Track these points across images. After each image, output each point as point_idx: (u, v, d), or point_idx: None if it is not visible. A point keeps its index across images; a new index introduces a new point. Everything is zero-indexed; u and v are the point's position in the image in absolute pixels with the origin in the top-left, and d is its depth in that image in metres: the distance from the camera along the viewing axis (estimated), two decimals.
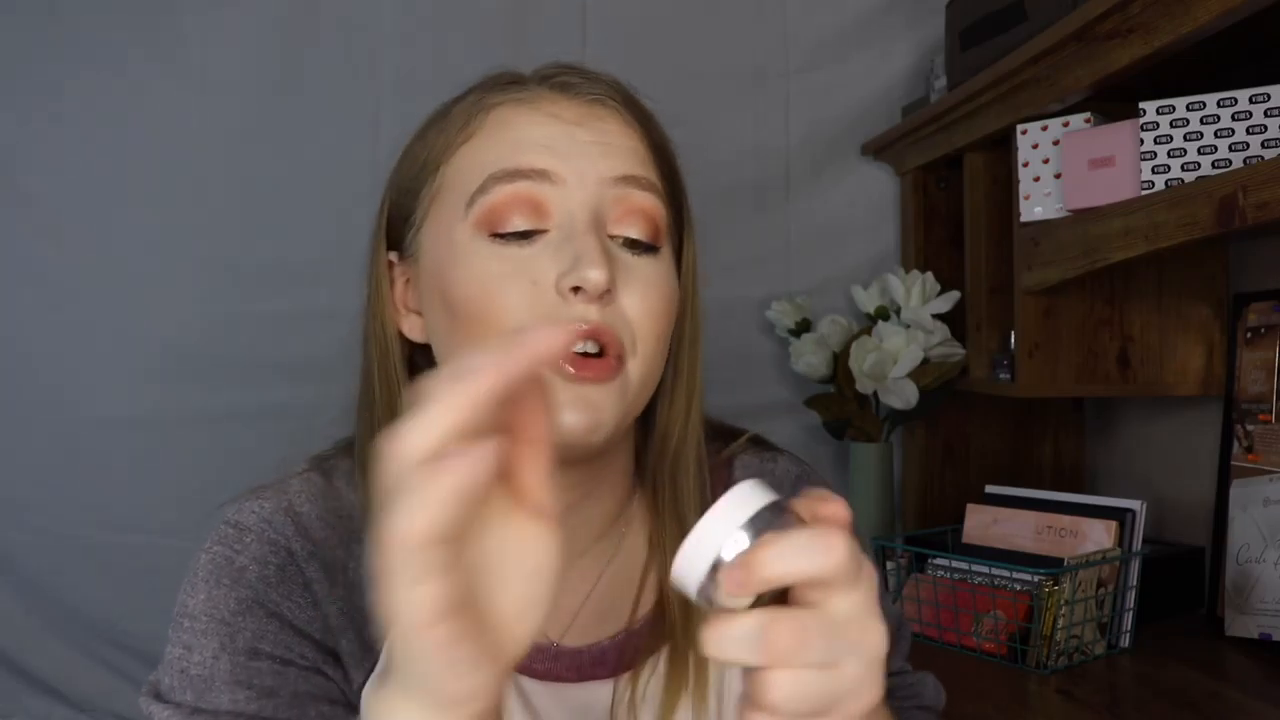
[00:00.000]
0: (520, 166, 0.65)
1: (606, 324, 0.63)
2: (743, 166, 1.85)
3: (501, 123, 0.67)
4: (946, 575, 1.42)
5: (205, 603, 0.64)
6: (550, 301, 0.63)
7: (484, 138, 0.67)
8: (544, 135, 0.66)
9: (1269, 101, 1.13)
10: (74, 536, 1.64)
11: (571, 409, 0.62)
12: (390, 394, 0.70)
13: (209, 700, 0.62)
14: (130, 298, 1.65)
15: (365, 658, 0.66)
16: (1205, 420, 1.47)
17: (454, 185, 0.67)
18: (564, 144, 0.66)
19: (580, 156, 0.66)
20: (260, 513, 0.67)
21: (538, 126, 0.66)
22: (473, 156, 0.67)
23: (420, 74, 1.66)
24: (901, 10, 1.86)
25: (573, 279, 0.62)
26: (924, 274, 1.69)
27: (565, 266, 0.62)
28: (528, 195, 0.64)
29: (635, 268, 0.66)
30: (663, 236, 0.68)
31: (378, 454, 0.59)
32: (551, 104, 0.67)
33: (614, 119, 0.69)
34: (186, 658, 0.63)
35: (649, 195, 0.67)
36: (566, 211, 0.65)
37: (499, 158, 0.65)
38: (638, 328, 0.65)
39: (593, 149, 0.66)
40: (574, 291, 0.62)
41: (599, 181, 0.65)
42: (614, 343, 0.63)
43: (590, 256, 0.62)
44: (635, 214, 0.67)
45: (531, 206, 0.64)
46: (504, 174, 0.65)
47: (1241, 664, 1.26)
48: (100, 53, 1.64)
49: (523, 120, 0.67)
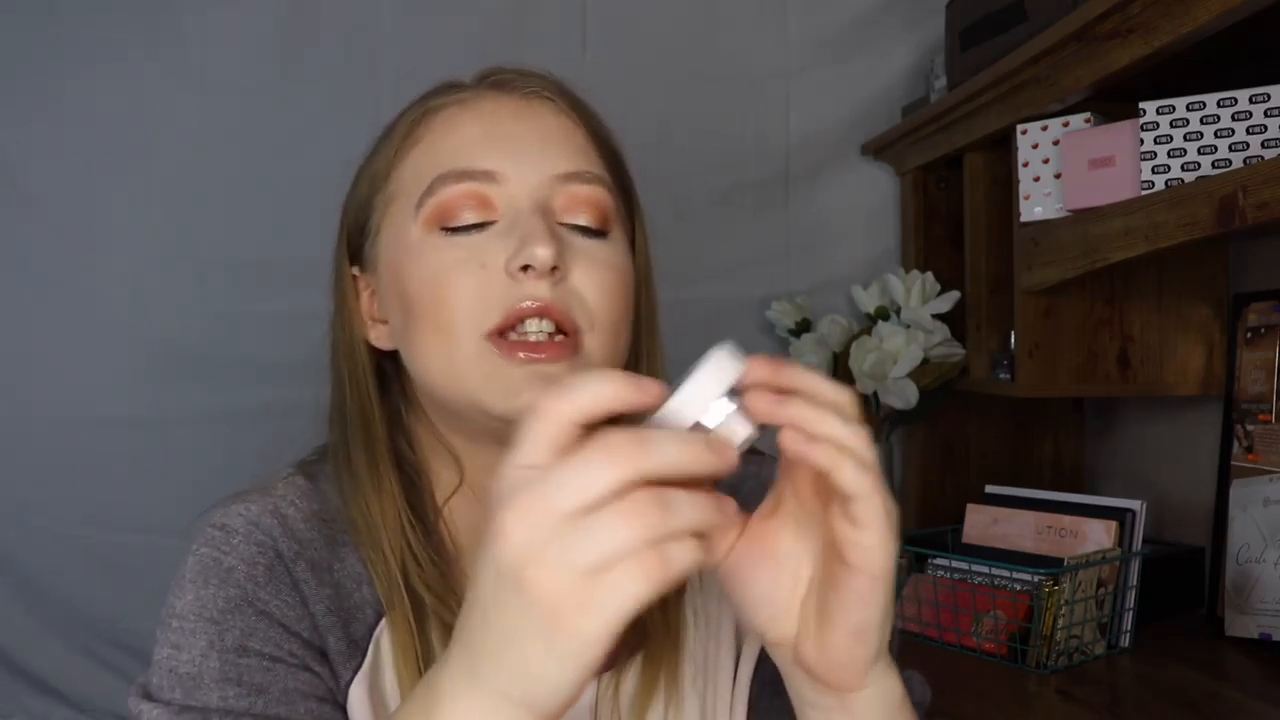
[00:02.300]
0: (466, 167, 0.66)
1: (559, 302, 0.64)
2: (743, 166, 1.85)
3: (444, 126, 0.69)
4: (946, 575, 1.42)
5: (193, 603, 0.64)
6: (500, 283, 0.64)
7: (428, 142, 0.69)
8: (485, 134, 0.68)
9: (1269, 101, 1.13)
10: (74, 536, 1.64)
11: (531, 389, 0.62)
12: (362, 402, 0.71)
13: (198, 698, 0.62)
14: (130, 298, 1.65)
15: (351, 656, 0.66)
16: (1205, 420, 1.47)
17: (403, 190, 0.69)
18: (507, 142, 0.67)
19: (522, 153, 0.67)
20: (247, 515, 0.67)
21: (478, 127, 0.68)
22: (419, 161, 0.69)
23: (420, 74, 1.65)
24: (901, 10, 1.86)
25: (521, 258, 0.63)
26: (924, 274, 1.69)
27: (513, 248, 0.64)
28: (475, 193, 0.66)
29: (585, 249, 0.67)
30: (611, 222, 0.69)
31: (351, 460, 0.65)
32: (491, 102, 0.69)
33: (552, 113, 0.70)
34: (175, 657, 0.63)
35: (593, 188, 0.68)
36: (511, 204, 0.66)
37: (444, 159, 0.67)
38: (593, 304, 0.65)
39: (533, 144, 0.68)
40: (523, 270, 0.63)
41: (544, 178, 0.67)
42: (567, 319, 0.64)
43: (536, 235, 0.63)
44: (581, 204, 0.68)
45: (479, 202, 0.66)
46: (451, 175, 0.66)
47: (1241, 664, 1.26)
48: (100, 53, 1.64)
49: (464, 121, 0.68)
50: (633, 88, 1.69)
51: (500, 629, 0.45)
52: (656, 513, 0.42)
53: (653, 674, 0.69)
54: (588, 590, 0.42)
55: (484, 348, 0.63)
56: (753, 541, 0.54)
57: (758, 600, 0.55)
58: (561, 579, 0.42)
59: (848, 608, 0.51)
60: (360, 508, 0.68)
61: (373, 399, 0.71)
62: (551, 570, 0.43)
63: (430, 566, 0.67)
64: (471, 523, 0.71)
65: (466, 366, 0.64)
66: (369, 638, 0.67)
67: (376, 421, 0.70)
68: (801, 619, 0.54)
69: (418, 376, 0.68)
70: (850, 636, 0.52)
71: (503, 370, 0.63)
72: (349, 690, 0.66)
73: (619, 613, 0.43)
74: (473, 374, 0.64)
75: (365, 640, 0.67)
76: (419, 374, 0.68)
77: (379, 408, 0.71)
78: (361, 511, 0.68)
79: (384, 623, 0.67)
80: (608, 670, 0.70)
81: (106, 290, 1.65)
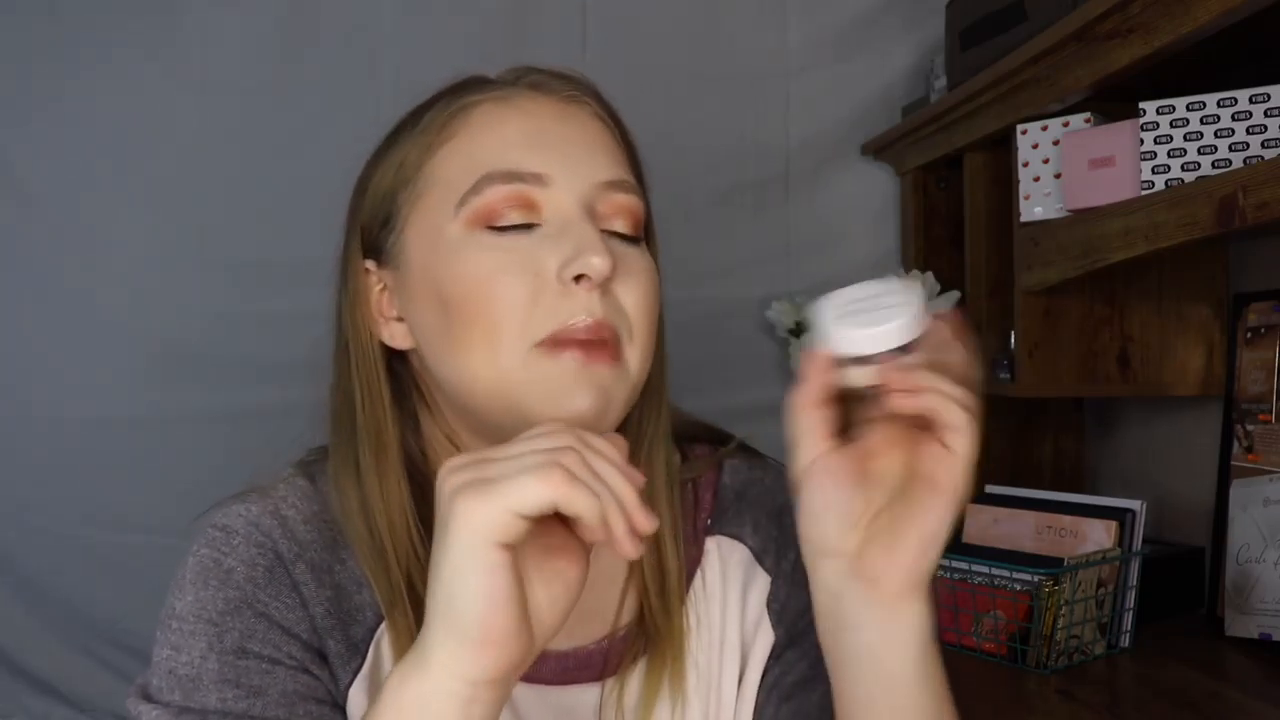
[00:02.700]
0: (515, 169, 0.64)
1: (608, 318, 0.63)
2: (743, 166, 1.85)
3: (484, 122, 0.67)
4: (947, 575, 1.42)
5: (193, 604, 0.63)
6: (553, 292, 0.62)
7: (468, 138, 0.66)
8: (529, 134, 0.66)
9: (1269, 101, 1.13)
10: (74, 536, 1.64)
11: (584, 393, 0.62)
12: (373, 403, 0.68)
13: (197, 699, 0.61)
14: (130, 298, 1.65)
15: (351, 659, 0.66)
16: (1205, 420, 1.47)
17: (440, 185, 0.66)
18: (553, 145, 0.66)
19: (569, 157, 0.66)
20: (247, 516, 0.66)
21: (521, 127, 0.66)
22: (458, 156, 0.66)
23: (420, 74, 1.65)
24: (901, 10, 1.86)
25: (577, 266, 0.62)
26: (924, 274, 1.69)
27: (567, 254, 0.62)
28: (521, 196, 0.64)
29: (628, 257, 0.66)
30: (643, 229, 0.69)
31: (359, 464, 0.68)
32: (531, 102, 0.67)
33: (590, 119, 0.69)
34: (174, 658, 0.63)
35: (631, 196, 0.68)
36: (557, 208, 0.65)
37: (488, 158, 0.65)
38: (633, 317, 0.65)
39: (579, 149, 0.66)
40: (575, 280, 0.62)
41: (587, 182, 0.65)
42: (613, 333, 0.63)
43: (592, 244, 0.62)
44: (621, 212, 0.67)
45: (526, 204, 0.64)
46: (498, 174, 0.64)
47: (1241, 664, 1.26)
48: (100, 53, 1.64)
49: (506, 120, 0.66)
50: (633, 88, 1.67)
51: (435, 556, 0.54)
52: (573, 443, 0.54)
53: (656, 678, 0.69)
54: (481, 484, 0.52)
55: (534, 353, 0.62)
56: (845, 460, 0.59)
57: (836, 511, 0.59)
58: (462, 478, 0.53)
59: (924, 519, 0.57)
60: (365, 511, 0.67)
61: (385, 400, 0.69)
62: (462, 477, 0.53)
63: None
64: None
65: (514, 374, 0.62)
66: (369, 640, 0.66)
67: (388, 424, 0.68)
68: (869, 533, 0.59)
69: (452, 380, 0.66)
70: (919, 543, 0.58)
71: (554, 375, 0.62)
72: (348, 692, 0.65)
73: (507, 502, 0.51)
74: (520, 381, 0.62)
75: (365, 643, 0.66)
76: (455, 378, 0.65)
77: (391, 409, 0.69)
78: (366, 515, 0.67)
79: (384, 625, 0.66)
80: (612, 675, 0.70)
81: (106, 290, 1.65)
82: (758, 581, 0.74)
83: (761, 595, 0.73)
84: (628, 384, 0.65)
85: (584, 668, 0.70)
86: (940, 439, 0.57)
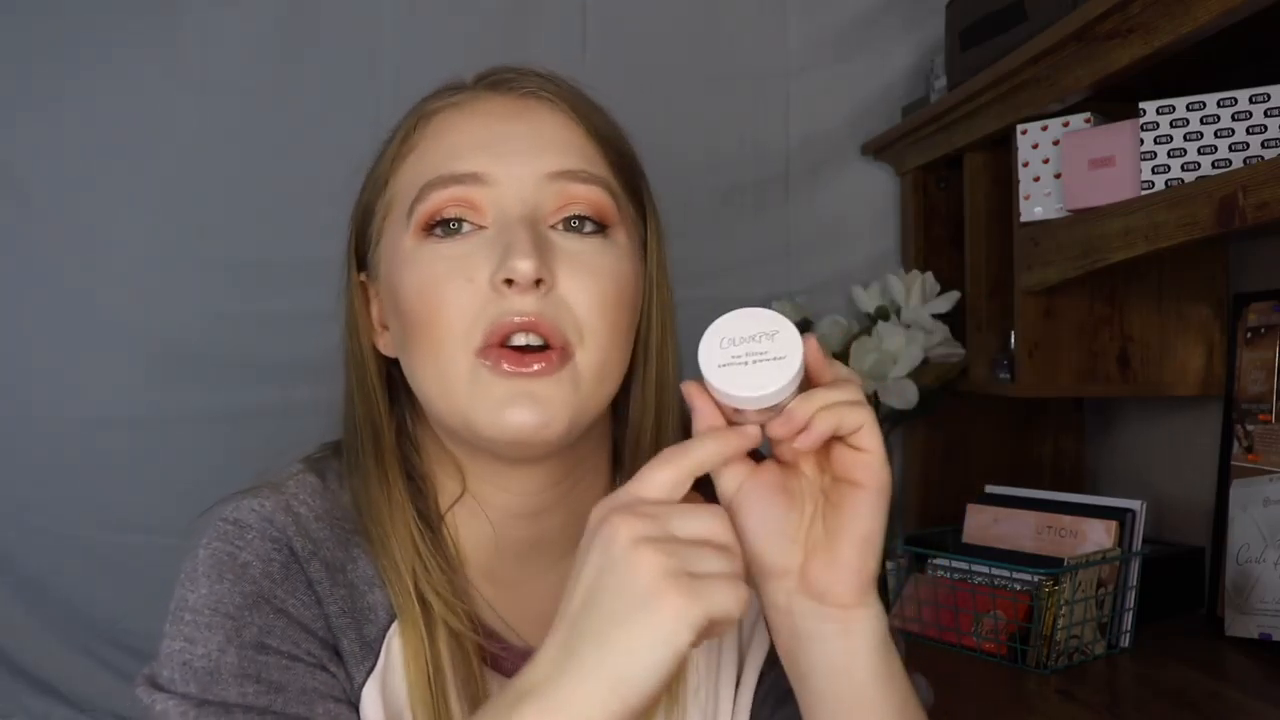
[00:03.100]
0: (453, 171, 0.65)
1: (546, 316, 0.62)
2: (743, 166, 1.85)
3: (437, 131, 0.68)
4: (947, 575, 1.42)
5: (208, 596, 0.63)
6: (485, 297, 0.62)
7: (423, 149, 0.68)
8: (477, 138, 0.66)
9: (1269, 101, 1.13)
10: (74, 536, 1.64)
11: (516, 406, 0.62)
12: (371, 410, 0.70)
13: (215, 692, 0.61)
14: (130, 298, 1.65)
15: (364, 658, 0.66)
16: (1205, 420, 1.47)
17: (399, 199, 0.68)
18: (497, 143, 0.66)
19: (512, 154, 0.65)
20: (260, 511, 0.66)
21: (471, 130, 0.67)
22: (414, 168, 0.68)
23: (420, 74, 1.65)
24: (901, 10, 1.86)
25: (503, 272, 0.62)
26: (924, 274, 1.69)
27: (497, 261, 0.62)
28: (461, 197, 0.65)
29: (579, 254, 0.65)
30: (612, 219, 0.67)
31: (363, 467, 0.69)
32: (485, 103, 0.68)
33: (549, 112, 0.68)
34: (189, 650, 0.62)
35: (589, 187, 0.66)
36: (500, 210, 0.65)
37: (434, 166, 0.66)
38: (583, 316, 0.64)
39: (525, 145, 0.66)
40: (507, 284, 0.62)
41: (534, 178, 0.65)
42: (554, 333, 0.63)
43: (518, 247, 0.61)
44: (574, 203, 0.66)
45: (466, 206, 0.65)
46: (438, 180, 0.65)
47: (1241, 664, 1.26)
48: (100, 53, 1.64)
49: (457, 125, 0.67)
50: (633, 88, 1.68)
51: (604, 609, 0.51)
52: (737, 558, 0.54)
53: None
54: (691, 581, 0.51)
55: (476, 365, 0.63)
56: (766, 480, 0.60)
57: (771, 531, 0.60)
58: (670, 563, 0.51)
59: (857, 521, 0.58)
60: (372, 513, 0.68)
61: (381, 407, 0.70)
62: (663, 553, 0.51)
63: (439, 573, 0.67)
64: (473, 532, 0.71)
65: (458, 385, 0.63)
66: (381, 640, 0.66)
67: (385, 429, 0.70)
68: (809, 544, 0.60)
69: (415, 389, 0.68)
70: (858, 546, 0.58)
71: (491, 387, 0.62)
72: (362, 692, 0.65)
73: (711, 610, 0.50)
74: (463, 392, 0.63)
75: (378, 642, 0.66)
76: (418, 389, 0.67)
77: (388, 415, 0.70)
78: (373, 517, 0.67)
79: (395, 625, 0.66)
80: None
81: (106, 290, 1.65)
82: None
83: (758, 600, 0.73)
84: (577, 392, 0.64)
85: None
86: (848, 444, 0.58)
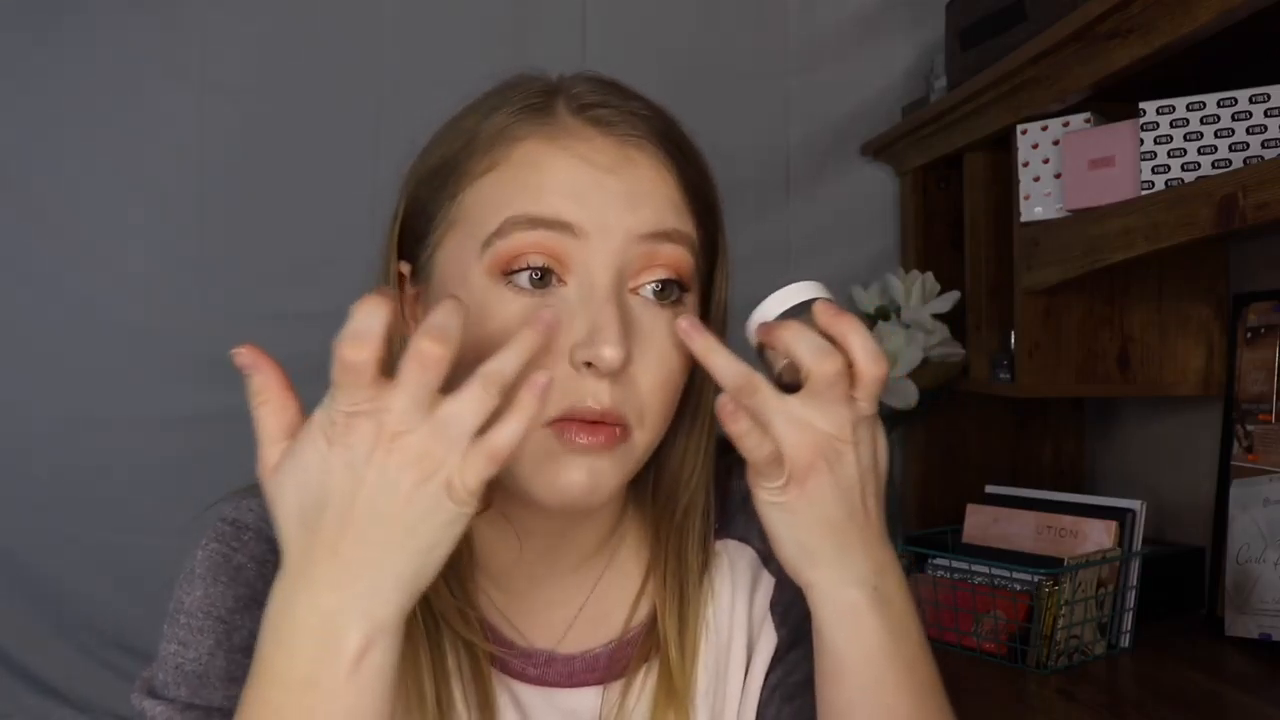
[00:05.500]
0: (542, 214, 0.60)
1: (616, 407, 0.60)
2: (743, 166, 1.84)
3: (526, 161, 0.62)
4: (947, 575, 1.42)
5: (202, 599, 0.63)
6: (565, 371, 0.60)
7: (506, 174, 0.62)
8: (570, 183, 0.61)
9: (1269, 101, 1.13)
10: (74, 536, 1.64)
11: (573, 473, 0.60)
12: None
13: (203, 696, 0.61)
14: (130, 298, 1.65)
15: None
16: (1205, 420, 1.47)
17: (471, 219, 0.63)
18: (591, 194, 0.61)
19: (607, 208, 0.61)
20: (258, 511, 0.66)
21: (564, 172, 0.62)
22: (492, 192, 0.62)
23: (420, 74, 1.67)
24: (901, 10, 1.86)
25: (587, 354, 0.59)
26: (924, 274, 1.69)
27: (581, 337, 0.59)
28: (546, 245, 0.60)
29: (653, 331, 0.62)
30: (690, 280, 0.65)
31: None
32: (583, 143, 0.63)
33: (649, 163, 0.64)
34: (181, 654, 0.62)
35: (677, 249, 0.63)
36: (586, 268, 0.61)
37: (519, 200, 0.61)
38: (645, 398, 0.62)
39: (621, 200, 0.62)
40: (587, 365, 0.59)
41: (625, 237, 0.61)
42: (621, 419, 0.61)
43: (607, 332, 0.59)
44: (658, 267, 0.63)
45: (550, 254, 0.61)
46: (524, 220, 0.60)
47: (1241, 664, 1.26)
48: (100, 53, 1.64)
49: (549, 161, 0.62)
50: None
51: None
52: None
53: (666, 684, 0.69)
54: None
55: (545, 434, 0.60)
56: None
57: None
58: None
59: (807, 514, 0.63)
60: None
61: None
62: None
63: (452, 576, 0.66)
64: (492, 539, 0.69)
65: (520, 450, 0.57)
66: None
67: None
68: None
69: None
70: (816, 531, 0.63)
71: (555, 457, 0.60)
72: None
73: None
74: (525, 455, 0.60)
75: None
76: None
77: None
78: None
79: None
80: (619, 678, 0.70)
81: (107, 290, 1.65)
82: (763, 583, 0.74)
83: (766, 597, 0.73)
84: (629, 462, 0.63)
85: (590, 670, 0.70)
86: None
